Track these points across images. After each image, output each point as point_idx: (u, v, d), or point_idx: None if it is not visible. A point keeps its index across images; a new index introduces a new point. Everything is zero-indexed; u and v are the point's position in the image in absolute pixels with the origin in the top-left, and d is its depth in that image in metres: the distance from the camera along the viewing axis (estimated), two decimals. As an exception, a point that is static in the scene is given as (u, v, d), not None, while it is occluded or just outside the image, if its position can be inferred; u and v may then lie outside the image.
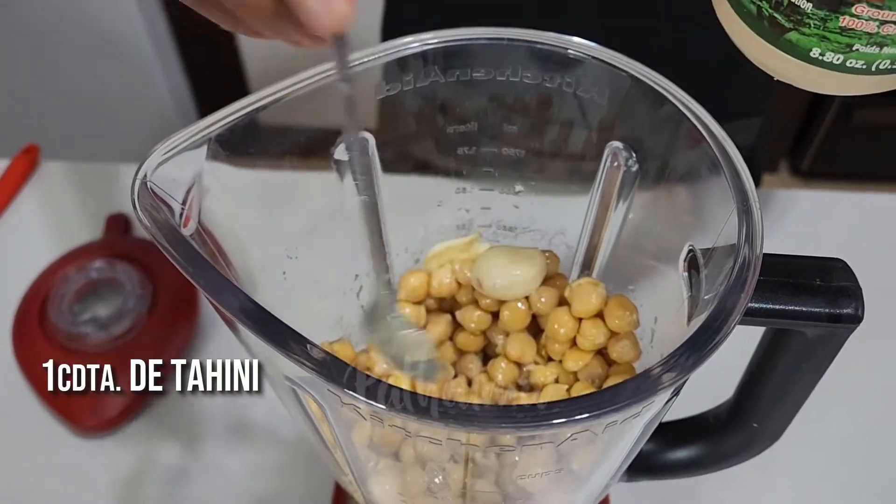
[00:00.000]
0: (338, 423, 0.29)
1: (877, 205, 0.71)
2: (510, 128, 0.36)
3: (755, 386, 0.35)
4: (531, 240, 0.40)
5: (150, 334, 0.59)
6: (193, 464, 0.55)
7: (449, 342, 0.40)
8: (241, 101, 0.30)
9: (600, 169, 0.35)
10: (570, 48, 0.31)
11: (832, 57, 0.25)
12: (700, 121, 0.29)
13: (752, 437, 0.37)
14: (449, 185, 0.38)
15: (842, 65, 0.25)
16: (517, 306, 0.37)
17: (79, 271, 0.60)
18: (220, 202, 0.31)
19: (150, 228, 0.26)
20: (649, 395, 0.24)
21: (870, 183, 1.59)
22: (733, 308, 0.25)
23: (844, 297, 0.29)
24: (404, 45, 0.32)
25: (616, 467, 0.34)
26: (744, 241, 0.26)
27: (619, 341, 0.36)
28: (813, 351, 0.31)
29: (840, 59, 0.25)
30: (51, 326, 0.58)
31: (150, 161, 0.28)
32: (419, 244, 0.40)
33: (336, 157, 0.34)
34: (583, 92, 0.33)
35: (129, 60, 1.42)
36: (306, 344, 0.24)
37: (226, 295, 0.25)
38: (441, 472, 0.33)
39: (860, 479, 0.54)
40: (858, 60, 0.25)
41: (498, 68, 0.33)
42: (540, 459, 0.31)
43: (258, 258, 0.33)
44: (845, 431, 0.56)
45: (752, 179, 0.28)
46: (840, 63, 0.25)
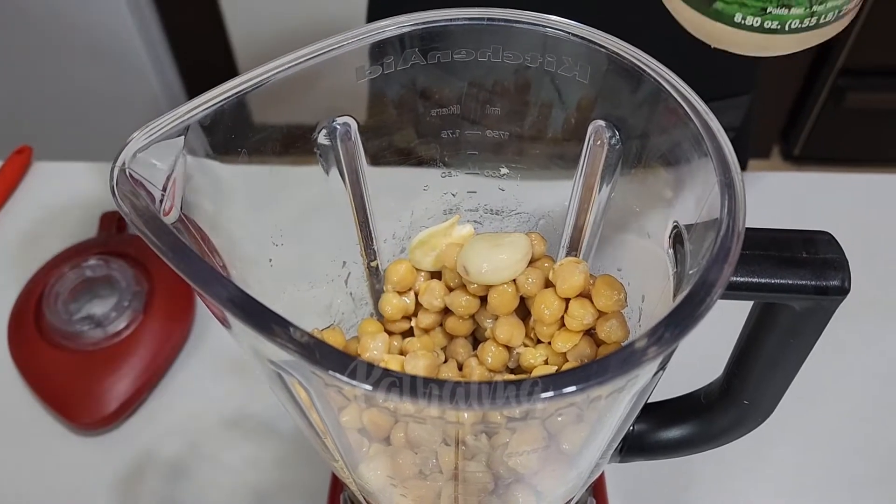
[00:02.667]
0: (325, 407, 0.29)
1: (865, 184, 0.71)
2: (493, 110, 0.35)
3: (744, 362, 0.35)
4: (518, 222, 0.40)
5: (146, 331, 0.59)
6: (192, 458, 0.55)
7: (439, 327, 0.40)
8: (220, 87, 0.30)
9: (584, 148, 0.35)
10: (549, 26, 0.31)
11: (752, 20, 0.29)
12: (681, 94, 0.29)
13: (743, 414, 0.37)
14: (434, 169, 0.38)
15: (761, 27, 0.29)
16: (504, 289, 0.37)
17: (74, 269, 0.61)
18: (203, 190, 0.31)
19: (129, 215, 0.26)
20: (633, 368, 0.23)
21: (862, 166, 1.59)
22: (716, 279, 0.25)
23: (831, 268, 0.29)
24: (383, 28, 0.32)
25: (605, 445, 0.34)
26: (726, 213, 0.26)
27: (607, 321, 0.36)
28: (801, 325, 0.31)
29: (758, 21, 0.29)
30: (47, 325, 0.58)
31: (130, 147, 0.28)
32: (406, 230, 0.40)
33: (319, 142, 0.34)
34: (564, 71, 0.33)
35: (120, 61, 1.42)
36: (289, 327, 0.24)
37: (209, 282, 0.25)
38: (433, 455, 0.33)
39: (853, 456, 0.54)
40: (773, 21, 0.29)
41: (478, 49, 0.33)
42: (529, 437, 0.31)
43: (244, 246, 0.33)
44: (837, 409, 0.56)
45: (739, 161, 0.28)
46: (759, 25, 0.29)
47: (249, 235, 0.34)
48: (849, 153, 1.67)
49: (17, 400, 0.57)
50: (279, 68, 0.31)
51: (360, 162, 0.36)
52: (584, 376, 0.23)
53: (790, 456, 0.54)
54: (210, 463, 0.54)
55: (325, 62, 0.32)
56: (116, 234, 0.66)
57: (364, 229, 0.39)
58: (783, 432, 0.54)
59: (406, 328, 0.40)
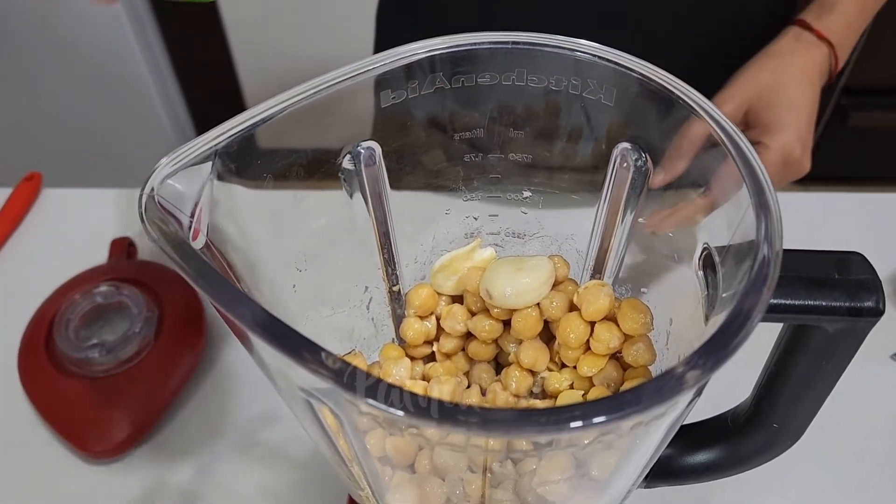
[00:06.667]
0: (355, 434, 0.29)
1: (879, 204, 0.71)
2: (517, 133, 0.35)
3: (774, 385, 0.34)
4: (540, 245, 0.40)
5: (157, 357, 0.58)
6: (202, 487, 0.54)
7: (461, 352, 0.40)
8: (245, 114, 0.30)
9: (609, 170, 0.35)
10: (576, 49, 0.31)
11: None
12: (711, 117, 0.29)
13: (772, 437, 0.37)
14: (456, 192, 0.38)
15: None
16: (529, 313, 0.36)
17: (84, 296, 0.60)
18: (229, 215, 0.30)
19: (158, 242, 0.26)
20: (674, 395, 0.23)
21: (867, 185, 1.59)
22: (754, 306, 0.25)
23: (864, 290, 0.29)
24: (409, 53, 0.32)
25: (638, 473, 0.33)
26: (763, 237, 0.26)
27: (634, 344, 0.35)
28: (833, 346, 0.31)
29: None
30: (57, 352, 0.57)
31: (157, 174, 0.28)
32: (428, 254, 0.40)
33: (343, 167, 0.34)
34: (590, 94, 0.33)
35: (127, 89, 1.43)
36: (321, 353, 0.24)
37: (238, 306, 0.25)
38: (460, 483, 0.33)
39: (878, 476, 0.53)
40: None
41: (503, 73, 0.33)
42: (559, 465, 0.30)
43: (268, 271, 0.33)
44: (862, 428, 0.55)
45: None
46: None
47: (274, 260, 0.33)
48: (853, 172, 1.68)
49: (27, 428, 0.57)
50: (302, 94, 0.31)
51: (384, 186, 0.36)
52: (620, 405, 0.23)
53: (814, 476, 0.53)
54: (222, 490, 0.53)
55: (347, 87, 0.32)
56: (126, 259, 0.66)
57: (386, 253, 0.38)
58: (807, 452, 0.53)
59: (428, 353, 0.40)
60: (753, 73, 0.54)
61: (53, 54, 1.35)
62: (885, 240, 0.67)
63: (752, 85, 0.53)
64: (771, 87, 0.53)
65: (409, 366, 0.37)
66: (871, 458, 0.54)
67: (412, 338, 0.39)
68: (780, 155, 0.52)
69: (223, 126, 0.30)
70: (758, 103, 0.53)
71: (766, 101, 0.53)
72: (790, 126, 0.52)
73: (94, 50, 1.35)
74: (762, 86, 0.53)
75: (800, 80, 0.54)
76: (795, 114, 0.52)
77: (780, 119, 0.52)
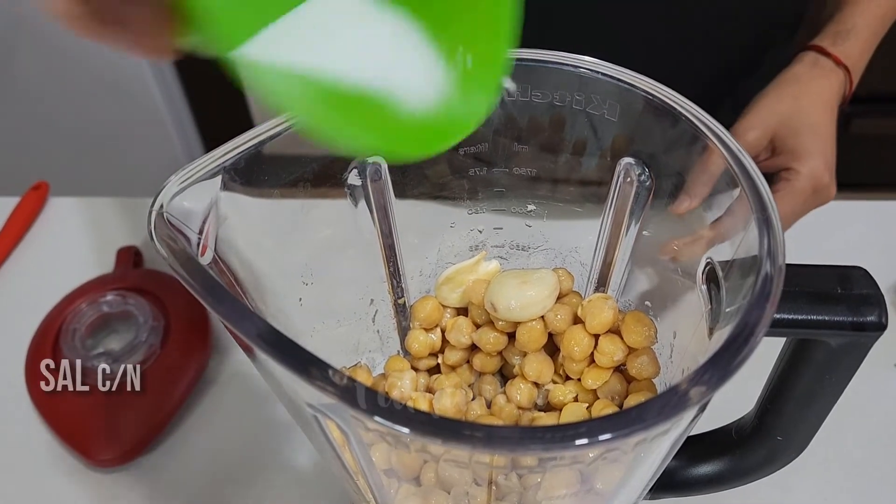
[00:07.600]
0: (360, 447, 0.29)
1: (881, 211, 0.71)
2: (521, 147, 0.36)
3: (778, 398, 0.35)
4: (544, 258, 0.40)
5: (163, 366, 0.58)
6: (209, 495, 0.54)
7: (466, 364, 0.40)
8: (252, 132, 0.30)
9: (613, 185, 0.35)
10: (579, 66, 0.31)
11: None
12: (715, 134, 0.29)
13: (775, 450, 0.37)
14: (461, 205, 0.38)
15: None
16: (533, 326, 0.37)
17: (91, 305, 0.60)
18: (236, 231, 0.31)
19: (167, 259, 0.26)
20: (678, 412, 0.23)
21: (869, 192, 1.59)
22: (757, 322, 0.25)
23: (867, 304, 0.29)
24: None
25: (642, 486, 0.33)
26: (765, 253, 0.26)
27: (638, 357, 0.35)
28: (837, 361, 0.31)
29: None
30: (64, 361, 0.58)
31: (166, 192, 0.28)
32: (433, 267, 0.40)
33: (349, 182, 0.34)
34: (593, 109, 0.33)
35: (134, 99, 1.44)
36: (328, 370, 0.24)
37: (246, 323, 0.25)
38: (465, 496, 0.33)
39: (882, 487, 0.53)
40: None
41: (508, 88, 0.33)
42: (564, 479, 0.30)
43: (275, 285, 0.33)
44: (865, 439, 0.55)
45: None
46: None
47: (280, 274, 0.34)
48: (855, 179, 1.67)
49: (34, 436, 0.57)
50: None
51: (389, 200, 0.36)
52: (625, 422, 0.23)
53: (818, 486, 0.53)
54: (227, 500, 0.54)
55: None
56: (133, 269, 0.66)
57: (392, 266, 0.39)
58: (811, 462, 0.53)
59: (433, 365, 0.40)
60: (774, 100, 0.54)
61: (61, 64, 1.36)
62: (889, 248, 0.67)
63: (773, 112, 0.53)
64: (793, 114, 0.53)
65: (413, 378, 0.37)
66: (874, 467, 0.54)
67: (417, 350, 0.39)
68: (810, 182, 0.52)
69: (231, 143, 0.30)
70: (782, 130, 0.53)
71: (790, 128, 0.52)
72: (817, 153, 0.52)
73: (102, 59, 1.36)
74: (784, 113, 0.53)
75: (821, 106, 0.53)
76: (821, 140, 0.52)
77: (806, 145, 0.52)
